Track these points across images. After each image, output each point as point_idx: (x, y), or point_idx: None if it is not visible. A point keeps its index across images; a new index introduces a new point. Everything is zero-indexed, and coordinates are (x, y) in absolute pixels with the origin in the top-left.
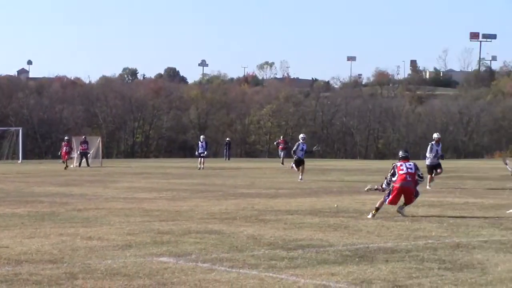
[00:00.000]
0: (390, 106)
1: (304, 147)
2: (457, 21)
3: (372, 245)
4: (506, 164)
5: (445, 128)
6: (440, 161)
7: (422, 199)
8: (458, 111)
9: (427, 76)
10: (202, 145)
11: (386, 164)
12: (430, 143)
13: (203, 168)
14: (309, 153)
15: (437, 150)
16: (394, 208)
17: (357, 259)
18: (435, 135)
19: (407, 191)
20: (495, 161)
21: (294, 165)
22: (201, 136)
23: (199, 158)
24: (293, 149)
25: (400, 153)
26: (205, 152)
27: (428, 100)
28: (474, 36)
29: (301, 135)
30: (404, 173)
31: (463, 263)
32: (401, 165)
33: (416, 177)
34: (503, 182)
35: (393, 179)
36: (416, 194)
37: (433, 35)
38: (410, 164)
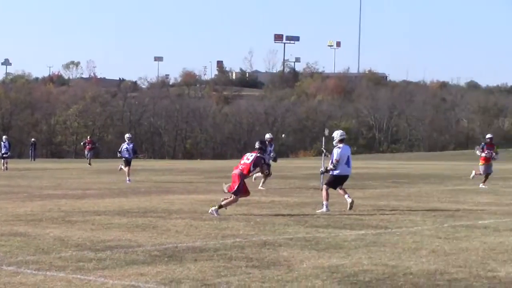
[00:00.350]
0: (197, 106)
1: (130, 147)
2: (262, 22)
3: (181, 245)
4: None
5: (251, 128)
6: (273, 162)
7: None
8: (264, 111)
9: (234, 76)
10: (5, 145)
11: (194, 164)
12: None
13: (7, 169)
14: (134, 156)
15: (270, 151)
16: (202, 207)
17: (166, 259)
18: (268, 136)
19: (233, 177)
20: (300, 160)
21: (122, 166)
22: (4, 137)
23: (2, 159)
24: (119, 150)
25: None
26: (9, 153)
27: (235, 100)
28: (278, 38)
29: (126, 135)
30: (242, 162)
31: (270, 260)
32: (245, 154)
33: (251, 168)
34: (307, 181)
35: None
36: (241, 190)
37: (238, 36)
38: (251, 155)
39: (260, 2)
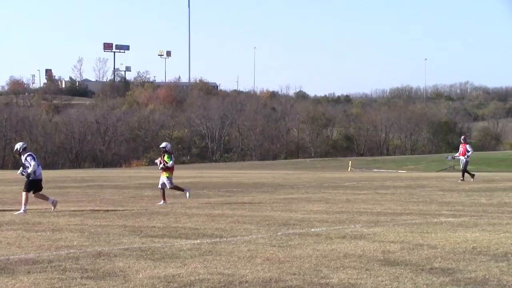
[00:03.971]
0: (26, 115)
1: None
2: (91, 31)
3: (12, 257)
4: None
5: (83, 137)
6: None
7: (63, 209)
8: (95, 120)
9: (63, 85)
10: None
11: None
12: None
13: None
14: None
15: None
16: (34, 218)
17: None
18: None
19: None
20: (133, 169)
21: None
22: None
23: None
24: None
25: None
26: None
27: (65, 109)
28: (107, 46)
29: None
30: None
31: (105, 271)
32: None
33: None
34: (141, 190)
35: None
36: None
37: (67, 45)
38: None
39: (88, 10)
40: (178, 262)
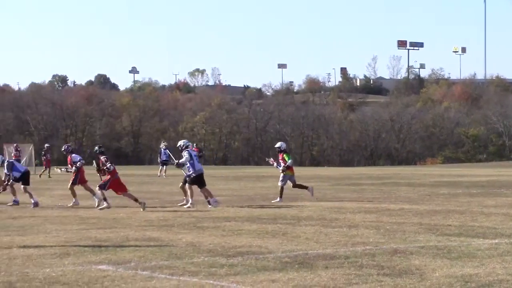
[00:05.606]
0: (322, 113)
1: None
2: (385, 29)
3: (311, 252)
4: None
5: (377, 135)
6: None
7: (359, 205)
8: (389, 118)
9: (358, 83)
10: (165, 152)
11: (321, 171)
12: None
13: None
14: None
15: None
16: (331, 214)
17: (296, 265)
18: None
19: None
20: (427, 167)
21: None
22: (163, 143)
23: (161, 166)
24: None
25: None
26: (169, 160)
27: (360, 107)
28: (401, 44)
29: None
30: None
31: (401, 268)
32: None
33: None
34: (437, 188)
35: None
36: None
37: (362, 43)
38: None
39: (383, 8)
40: (475, 261)
